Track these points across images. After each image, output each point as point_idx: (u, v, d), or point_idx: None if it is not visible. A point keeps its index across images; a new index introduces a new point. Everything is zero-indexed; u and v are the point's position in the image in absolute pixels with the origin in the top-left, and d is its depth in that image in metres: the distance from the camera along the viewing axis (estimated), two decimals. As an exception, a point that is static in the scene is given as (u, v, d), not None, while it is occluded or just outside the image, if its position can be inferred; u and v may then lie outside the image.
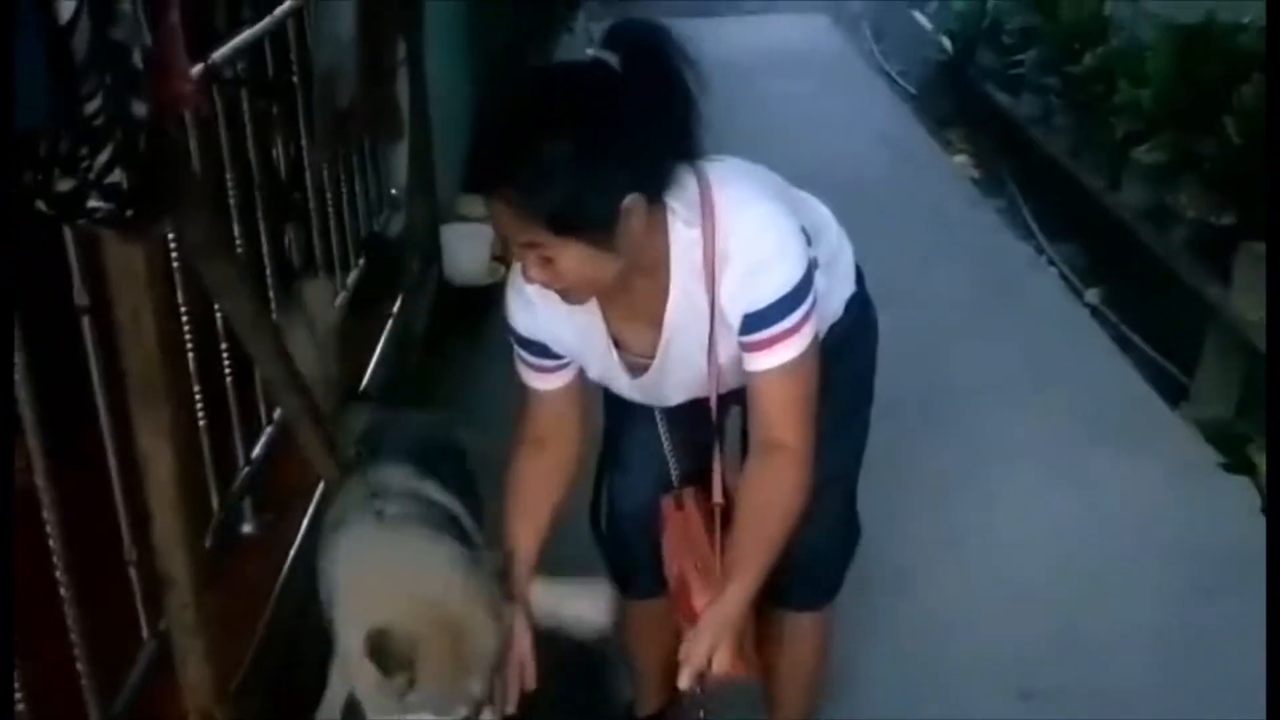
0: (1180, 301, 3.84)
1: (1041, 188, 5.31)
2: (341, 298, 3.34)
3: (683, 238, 1.74)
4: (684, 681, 1.81)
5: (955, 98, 6.59)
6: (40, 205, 1.39)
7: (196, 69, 2.02)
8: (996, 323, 4.26)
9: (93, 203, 1.39)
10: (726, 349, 1.82)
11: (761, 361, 1.77)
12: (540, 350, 1.91)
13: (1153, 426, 3.68)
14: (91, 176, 1.36)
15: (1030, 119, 5.29)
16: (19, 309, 1.59)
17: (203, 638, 1.87)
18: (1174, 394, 3.85)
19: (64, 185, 1.36)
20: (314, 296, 2.49)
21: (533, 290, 1.77)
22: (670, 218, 1.73)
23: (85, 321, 1.86)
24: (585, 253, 1.63)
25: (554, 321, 1.86)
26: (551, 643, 2.22)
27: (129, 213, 1.39)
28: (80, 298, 1.84)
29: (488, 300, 4.25)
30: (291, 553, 2.43)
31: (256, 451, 2.58)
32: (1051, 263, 4.89)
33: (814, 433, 1.81)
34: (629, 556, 2.22)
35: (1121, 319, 4.35)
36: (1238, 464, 3.49)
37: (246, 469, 2.54)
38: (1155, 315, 4.23)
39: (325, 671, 2.09)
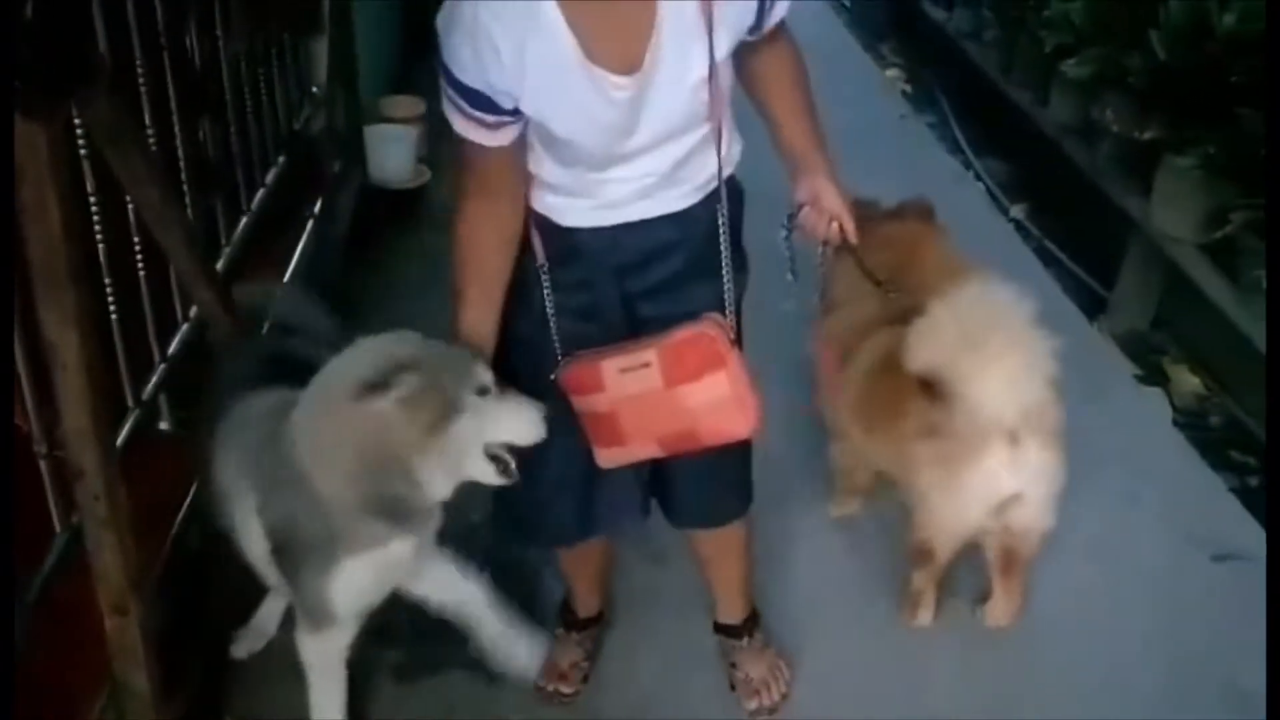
0: (1103, 216, 3.88)
1: (972, 103, 5.31)
2: (260, 195, 3.27)
3: None
4: (851, 231, 1.97)
5: (889, 11, 6.54)
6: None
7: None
8: (920, 235, 4.26)
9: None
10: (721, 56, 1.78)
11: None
12: (484, 103, 1.75)
13: (1071, 339, 3.69)
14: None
15: (962, 33, 5.27)
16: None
17: (115, 530, 1.85)
18: (1093, 308, 3.91)
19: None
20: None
21: (484, 10, 1.66)
22: None
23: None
24: None
25: (504, 52, 1.69)
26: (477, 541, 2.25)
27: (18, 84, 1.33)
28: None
29: (413, 202, 4.19)
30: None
31: (172, 349, 2.53)
32: (979, 178, 4.91)
33: None
34: (555, 522, 2.18)
35: (1045, 234, 4.40)
36: (1152, 376, 3.58)
37: (162, 365, 2.49)
38: (1078, 230, 4.28)
39: (241, 574, 2.10)
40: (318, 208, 3.57)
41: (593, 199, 1.91)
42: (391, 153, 4.20)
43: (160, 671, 1.99)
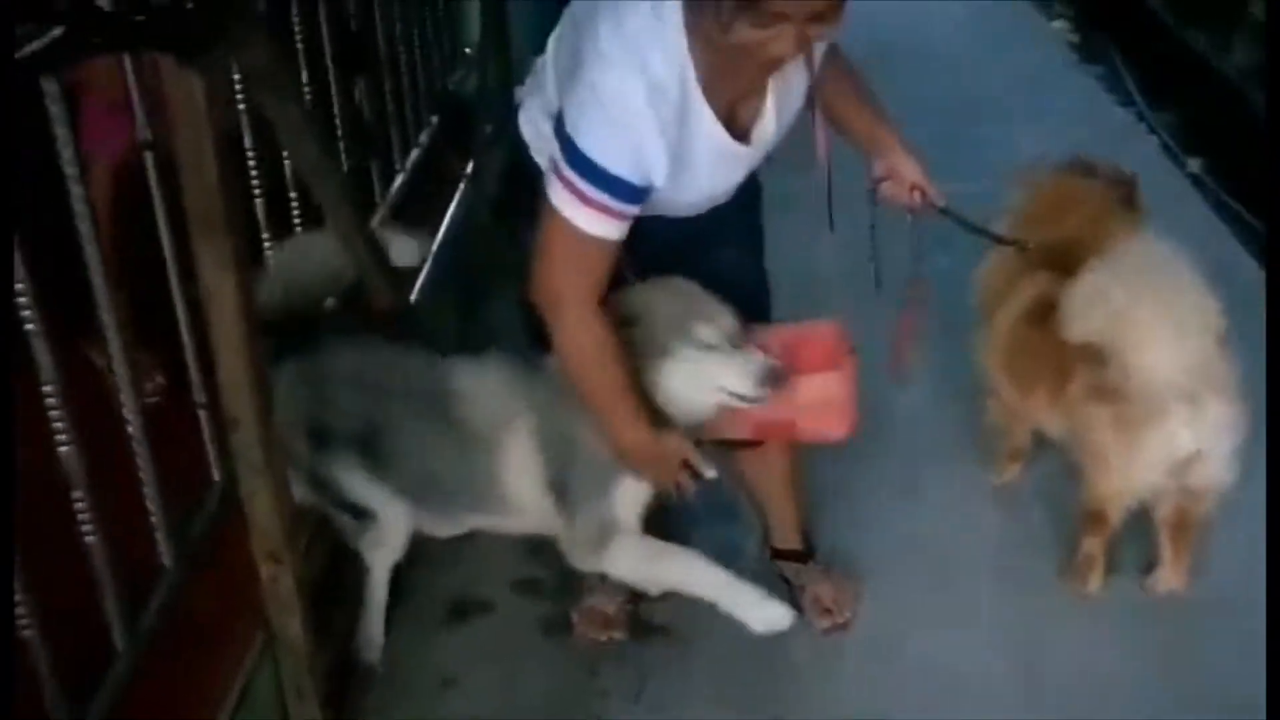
0: (1287, 168, 3.63)
1: (1145, 51, 5.05)
2: (414, 155, 3.30)
3: None
4: (934, 194, 2.04)
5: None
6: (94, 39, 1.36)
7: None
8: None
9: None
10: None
11: None
12: (628, 192, 1.77)
13: (1255, 301, 3.51)
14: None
15: (1135, -21, 5.01)
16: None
17: (269, 477, 1.87)
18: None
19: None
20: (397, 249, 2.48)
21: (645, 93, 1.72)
22: None
23: (148, 158, 1.83)
24: None
25: (665, 134, 1.76)
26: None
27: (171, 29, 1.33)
28: (143, 132, 1.82)
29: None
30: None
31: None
32: (1152, 130, 4.66)
33: None
34: None
35: (1225, 189, 4.14)
36: (1343, 336, 3.33)
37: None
38: (1262, 183, 4.01)
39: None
40: (469, 168, 3.58)
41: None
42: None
43: (313, 620, 2.02)
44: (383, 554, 2.30)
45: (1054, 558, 2.56)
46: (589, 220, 1.78)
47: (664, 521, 2.20)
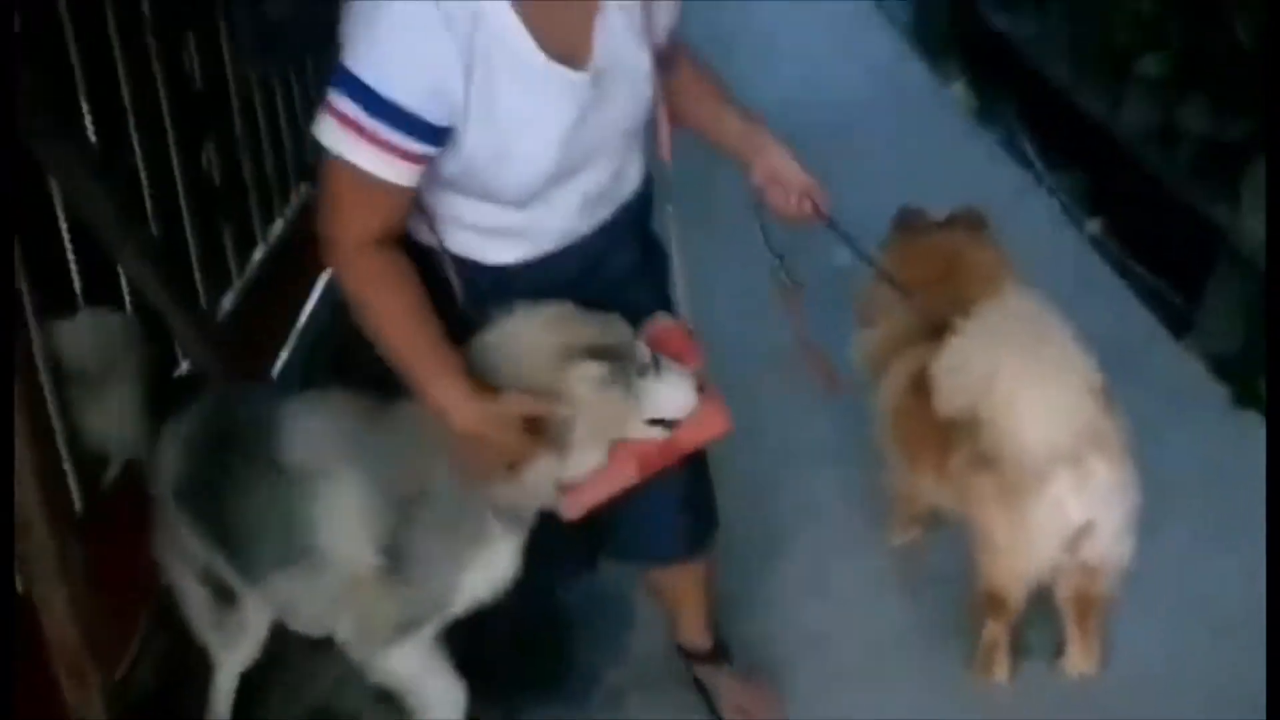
0: (1186, 227, 3.58)
1: (1041, 114, 5.03)
2: (278, 225, 3.11)
3: None
4: (823, 200, 1.87)
5: (951, 23, 6.28)
6: None
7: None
8: (989, 255, 4.00)
9: None
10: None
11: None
12: (411, 125, 1.53)
13: (1158, 360, 3.44)
14: None
15: (1029, 40, 5.00)
16: None
17: (65, 585, 1.65)
18: (1179, 327, 3.60)
19: None
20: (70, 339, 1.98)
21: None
22: None
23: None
24: None
25: (455, 55, 1.51)
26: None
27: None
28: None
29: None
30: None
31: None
32: (1052, 192, 4.63)
33: None
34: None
35: (1124, 248, 4.10)
36: (1246, 398, 3.26)
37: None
38: (1160, 243, 3.97)
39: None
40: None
41: (524, 230, 1.75)
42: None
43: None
44: (236, 652, 2.07)
45: (965, 646, 2.42)
46: (368, 158, 1.54)
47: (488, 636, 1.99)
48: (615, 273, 1.86)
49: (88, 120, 2.11)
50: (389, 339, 1.64)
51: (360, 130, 1.52)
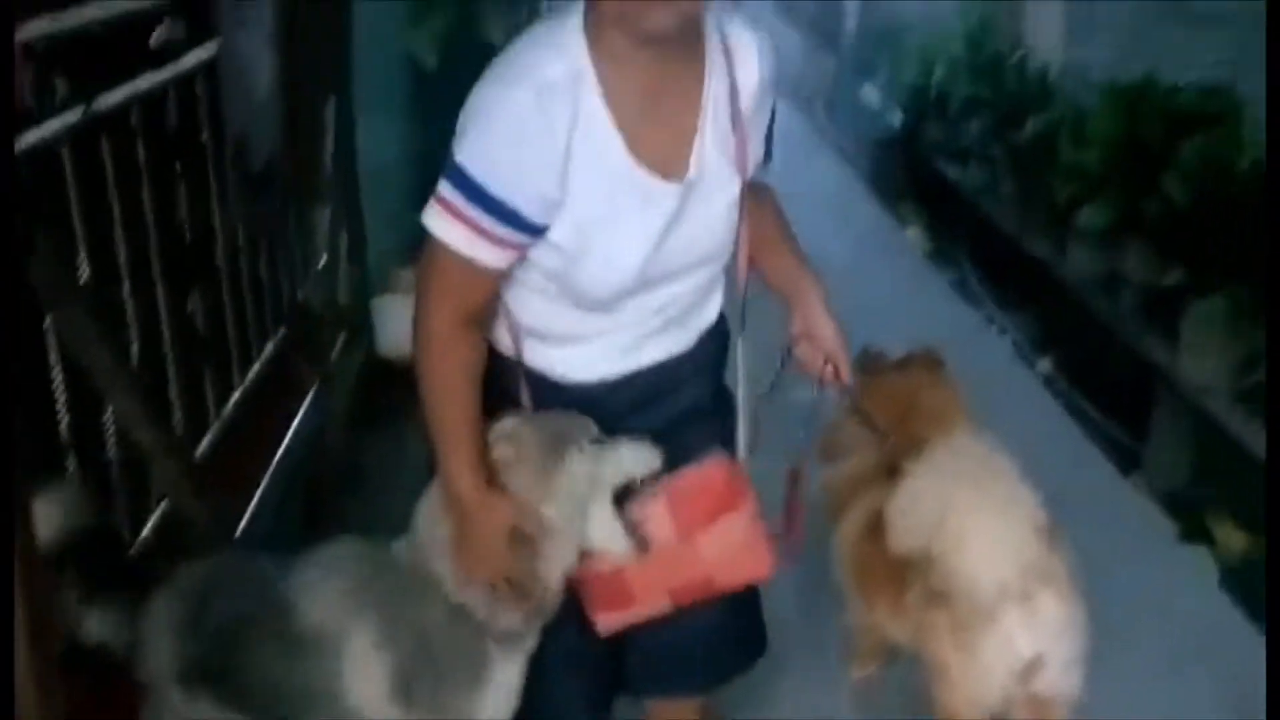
0: (1130, 368, 3.74)
1: (991, 257, 5.24)
2: (255, 368, 3.20)
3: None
4: (845, 371, 1.88)
5: (907, 170, 6.55)
6: None
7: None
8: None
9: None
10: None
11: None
12: (509, 216, 1.61)
13: (1106, 497, 3.55)
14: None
15: (978, 189, 5.24)
16: None
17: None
18: (1127, 464, 3.73)
19: None
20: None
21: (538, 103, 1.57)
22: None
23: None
24: None
25: (554, 151, 1.59)
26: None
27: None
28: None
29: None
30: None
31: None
32: (1003, 332, 4.80)
33: None
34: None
35: (1072, 387, 4.25)
36: (1194, 533, 3.37)
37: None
38: (1106, 383, 4.13)
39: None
40: (320, 379, 3.49)
41: (599, 344, 1.80)
42: (405, 323, 4.13)
43: None
44: None
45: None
46: (463, 240, 1.62)
47: None
48: (683, 406, 1.89)
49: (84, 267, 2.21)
50: (440, 416, 1.72)
51: (460, 217, 1.61)
